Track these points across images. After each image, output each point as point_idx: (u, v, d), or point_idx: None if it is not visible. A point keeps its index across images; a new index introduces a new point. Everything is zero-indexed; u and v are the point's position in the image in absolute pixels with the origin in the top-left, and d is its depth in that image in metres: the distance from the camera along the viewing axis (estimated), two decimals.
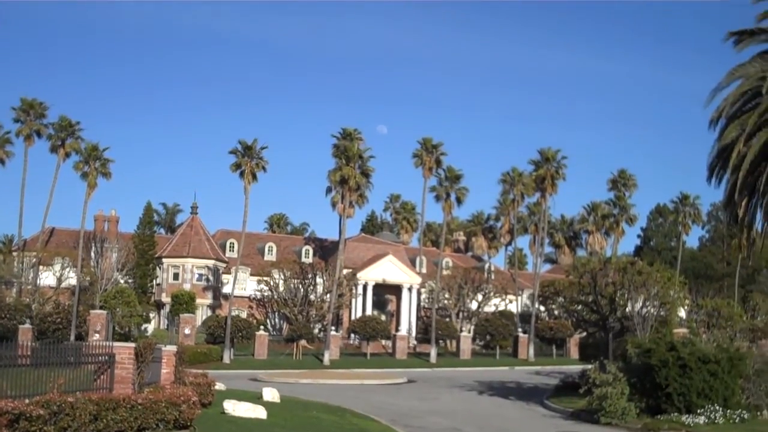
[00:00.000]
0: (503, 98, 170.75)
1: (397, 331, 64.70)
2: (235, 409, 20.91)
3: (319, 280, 66.10)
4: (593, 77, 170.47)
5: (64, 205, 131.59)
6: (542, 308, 73.04)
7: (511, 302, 73.57)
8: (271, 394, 26.00)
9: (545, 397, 33.36)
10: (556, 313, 72.04)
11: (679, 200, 78.84)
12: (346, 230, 60.96)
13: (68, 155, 59.11)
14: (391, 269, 73.24)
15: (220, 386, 25.91)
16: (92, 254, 64.07)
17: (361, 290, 72.41)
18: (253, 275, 71.44)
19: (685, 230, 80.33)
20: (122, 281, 61.72)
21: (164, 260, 70.71)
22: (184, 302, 62.93)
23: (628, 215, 78.87)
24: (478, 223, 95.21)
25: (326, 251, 77.80)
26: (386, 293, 75.20)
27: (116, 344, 19.91)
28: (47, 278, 60.06)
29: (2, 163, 62.55)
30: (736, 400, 25.71)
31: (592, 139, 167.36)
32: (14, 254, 62.81)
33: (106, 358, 19.03)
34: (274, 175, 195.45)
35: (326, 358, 53.98)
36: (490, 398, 34.37)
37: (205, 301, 70.18)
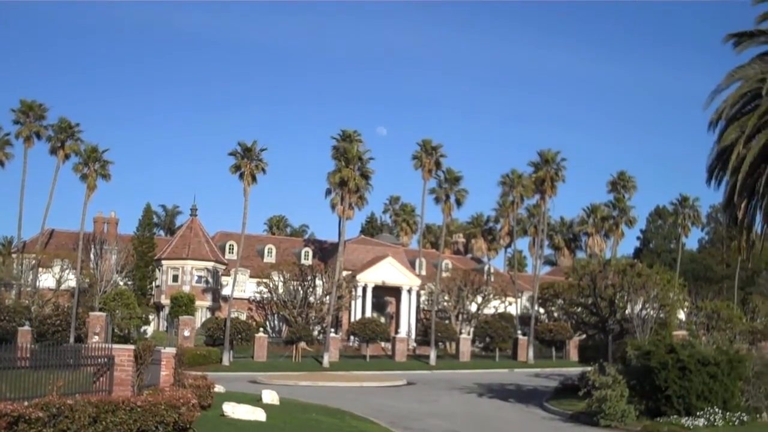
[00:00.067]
0: (503, 99, 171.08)
1: (396, 333, 64.72)
2: (234, 411, 20.92)
3: (318, 282, 66.09)
4: (593, 79, 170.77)
5: (63, 206, 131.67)
6: (542, 310, 73.01)
7: (510, 304, 73.52)
8: (270, 396, 26.00)
9: (545, 399, 33.33)
10: (555, 315, 72.01)
11: (678, 202, 78.91)
12: (345, 232, 61.06)
13: (68, 157, 59.16)
14: (390, 271, 73.22)
15: (219, 388, 25.91)
16: (92, 256, 64.04)
17: (360, 292, 72.37)
18: (252, 277, 71.44)
19: (684, 232, 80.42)
20: (121, 283, 61.69)
21: (164, 262, 70.73)
22: (183, 304, 62.93)
23: (627, 217, 79.05)
24: (477, 225, 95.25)
25: (326, 253, 77.81)
26: (386, 295, 75.17)
27: (115, 346, 19.91)
28: (46, 280, 60.10)
29: (2, 164, 62.68)
30: (735, 402, 25.69)
31: (591, 140, 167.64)
32: (13, 256, 62.79)
33: (105, 360, 19.02)
34: (273, 176, 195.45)
35: (326, 360, 53.96)
36: (489, 400, 34.35)
37: (204, 303, 70.17)
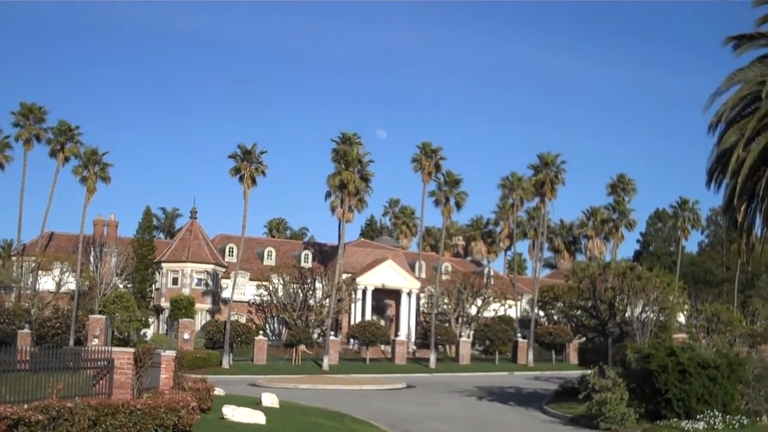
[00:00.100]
0: (502, 101, 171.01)
1: (396, 336, 64.67)
2: (234, 414, 20.90)
3: (318, 284, 66.11)
4: (592, 80, 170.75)
5: (63, 209, 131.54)
6: (541, 313, 72.98)
7: (510, 307, 73.48)
8: (270, 399, 25.98)
9: (544, 402, 33.33)
10: (555, 318, 71.96)
11: (678, 205, 78.90)
12: (345, 235, 61.07)
13: (67, 160, 59.22)
14: (390, 274, 73.19)
15: (219, 391, 25.89)
16: (91, 259, 64.05)
17: (360, 295, 72.32)
18: (252, 280, 71.39)
19: (684, 235, 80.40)
20: (121, 286, 61.71)
21: (163, 265, 70.70)
22: (183, 307, 62.90)
23: (627, 220, 79.06)
24: (477, 227, 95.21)
25: (325, 256, 77.80)
26: (385, 298, 75.13)
27: (115, 349, 19.88)
28: (46, 283, 60.11)
29: (2, 167, 62.73)
30: (735, 405, 25.69)
31: (591, 143, 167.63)
32: (13, 259, 62.85)
33: (105, 363, 18.99)
34: (273, 179, 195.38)
35: (325, 363, 53.92)
36: (489, 403, 34.33)
37: (204, 305, 70.14)
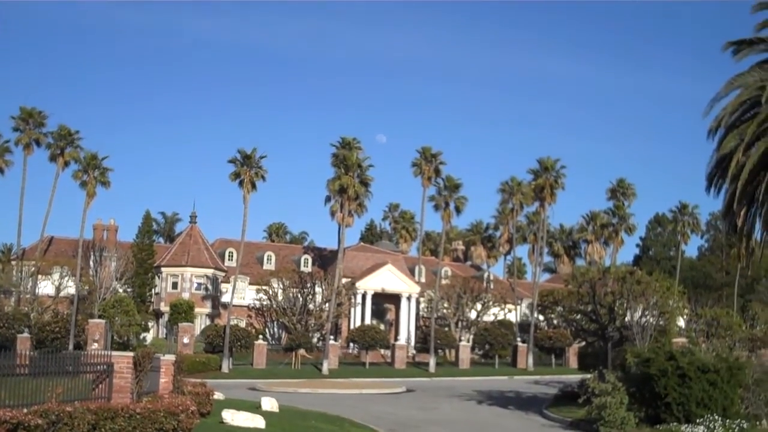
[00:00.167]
0: (502, 105, 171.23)
1: (396, 340, 64.60)
2: (233, 418, 20.88)
3: (318, 289, 66.09)
4: (592, 84, 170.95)
5: (63, 214, 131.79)
6: (541, 317, 72.97)
7: (510, 311, 73.48)
8: (269, 403, 25.97)
9: (544, 406, 33.31)
10: (555, 322, 71.93)
11: (678, 209, 78.93)
12: (345, 239, 61.16)
13: (67, 164, 59.25)
14: (390, 278, 73.19)
15: (218, 396, 25.87)
16: (91, 263, 64.00)
17: (360, 299, 72.33)
18: (252, 284, 71.44)
19: (684, 239, 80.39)
20: (121, 290, 61.64)
21: (163, 269, 70.68)
22: (182, 311, 62.91)
23: (627, 224, 78.95)
24: (477, 232, 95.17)
25: (325, 260, 77.80)
26: (385, 302, 75.12)
27: (115, 353, 19.91)
28: (46, 287, 60.09)
29: (1, 172, 62.82)
30: (735, 409, 25.69)
31: (591, 147, 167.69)
32: (13, 263, 62.80)
33: (104, 367, 19.01)
34: (273, 183, 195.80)
35: (325, 367, 53.89)
36: (489, 408, 34.30)
37: (203, 310, 70.10)
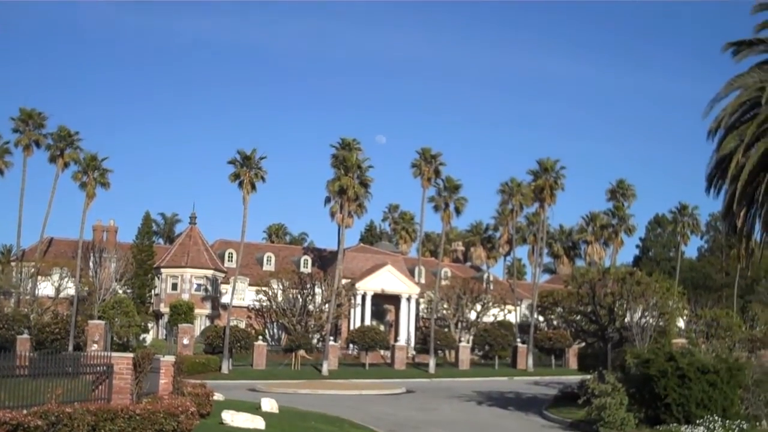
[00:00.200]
0: (502, 106, 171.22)
1: (395, 341, 64.59)
2: (233, 419, 20.87)
3: (317, 290, 66.09)
4: (592, 85, 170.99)
5: (62, 215, 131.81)
6: (541, 318, 72.97)
7: (509, 312, 73.48)
8: (269, 404, 25.96)
9: (544, 407, 33.30)
10: (554, 323, 71.95)
11: (677, 210, 78.98)
12: (344, 240, 61.22)
13: (67, 165, 59.24)
14: (389, 279, 73.18)
15: (218, 396, 25.86)
16: (91, 264, 63.95)
17: (359, 300, 72.32)
18: (251, 285, 71.43)
19: (683, 240, 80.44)
20: (121, 291, 61.63)
21: (163, 270, 70.67)
22: (182, 312, 62.90)
23: (626, 225, 79.00)
24: (476, 233, 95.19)
25: (325, 261, 77.80)
26: (385, 303, 75.11)
27: (114, 354, 19.91)
28: (45, 288, 60.08)
29: (1, 173, 62.83)
30: (735, 410, 25.68)
31: (590, 147, 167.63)
32: (13, 264, 62.75)
33: (104, 368, 19.01)
34: (272, 184, 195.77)
35: (325, 368, 53.88)
36: (489, 409, 34.30)
37: (203, 311, 70.10)
